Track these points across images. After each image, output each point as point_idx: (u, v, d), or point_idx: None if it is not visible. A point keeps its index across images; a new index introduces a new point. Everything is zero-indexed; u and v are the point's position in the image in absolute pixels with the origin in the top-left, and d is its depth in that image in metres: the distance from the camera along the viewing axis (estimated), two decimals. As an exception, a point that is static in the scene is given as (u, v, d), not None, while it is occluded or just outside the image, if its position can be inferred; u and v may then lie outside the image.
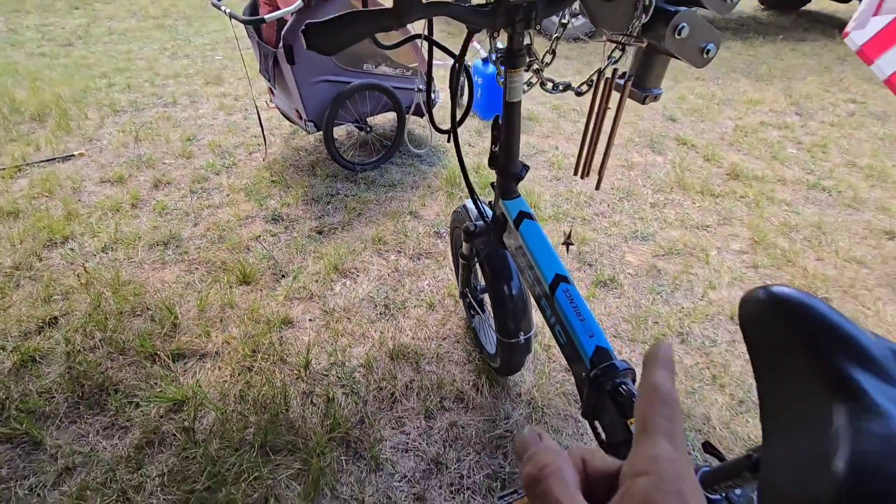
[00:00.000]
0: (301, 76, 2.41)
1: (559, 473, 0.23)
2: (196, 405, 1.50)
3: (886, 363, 0.43)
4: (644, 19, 1.04)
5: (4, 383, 1.55)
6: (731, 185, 2.79)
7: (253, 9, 2.64)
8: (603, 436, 0.94)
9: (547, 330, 1.80)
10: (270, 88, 2.88)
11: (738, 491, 0.73)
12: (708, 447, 0.76)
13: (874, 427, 0.38)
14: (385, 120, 3.24)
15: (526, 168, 1.13)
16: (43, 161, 2.71)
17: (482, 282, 1.62)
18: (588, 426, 1.49)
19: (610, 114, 1.28)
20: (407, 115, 2.81)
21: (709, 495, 0.68)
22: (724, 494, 0.71)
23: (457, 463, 1.40)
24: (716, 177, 2.88)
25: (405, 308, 1.92)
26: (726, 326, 1.87)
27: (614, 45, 1.16)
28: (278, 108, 2.99)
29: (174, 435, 1.43)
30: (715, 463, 0.69)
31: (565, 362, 1.71)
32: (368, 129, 2.83)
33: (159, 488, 1.30)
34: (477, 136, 3.27)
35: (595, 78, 1.18)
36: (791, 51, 5.20)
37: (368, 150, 2.97)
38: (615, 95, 1.30)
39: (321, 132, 2.58)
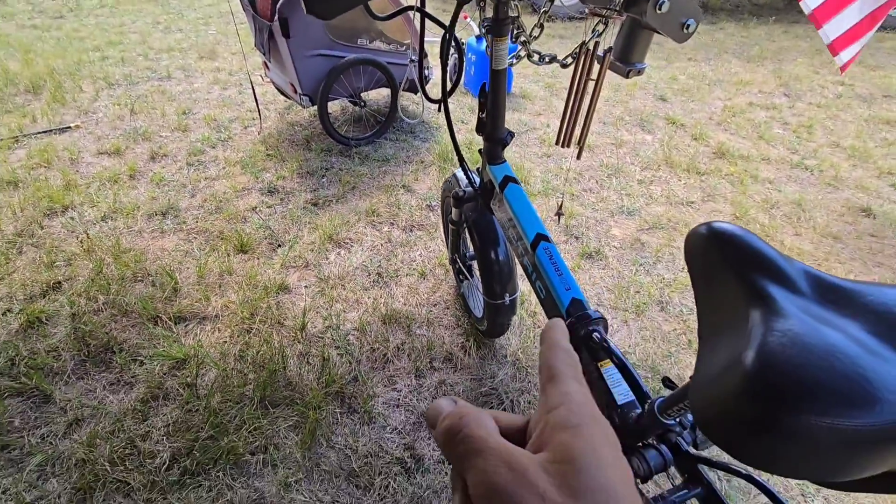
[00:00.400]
0: (296, 50, 2.44)
1: (480, 420, 0.23)
2: (198, 363, 1.58)
3: (797, 279, 0.51)
4: (625, -7, 1.10)
5: (13, 343, 1.62)
6: (717, 164, 2.86)
7: (248, -19, 2.64)
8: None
9: (532, 297, 1.89)
10: (265, 63, 2.89)
11: (690, 416, 0.83)
12: (666, 381, 0.85)
13: (778, 325, 0.46)
14: (379, 96, 3.27)
15: (511, 134, 1.20)
16: (40, 132, 2.73)
17: (471, 249, 1.69)
18: None
19: (591, 86, 1.34)
20: (400, 91, 2.85)
21: (665, 420, 0.77)
22: (677, 419, 0.80)
23: (445, 417, 1.49)
24: (702, 155, 2.95)
25: (397, 276, 2.00)
26: (704, 296, 1.96)
27: (597, 18, 1.22)
28: (273, 83, 3.01)
29: (178, 390, 1.51)
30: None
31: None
32: (362, 104, 2.87)
33: (165, 437, 1.38)
34: (470, 114, 3.31)
35: (578, 50, 1.23)
36: (783, 33, 5.23)
37: (362, 125, 3.00)
38: (599, 69, 1.36)
39: (316, 106, 2.62)
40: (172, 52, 3.91)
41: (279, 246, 2.12)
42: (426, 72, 2.95)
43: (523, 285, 1.89)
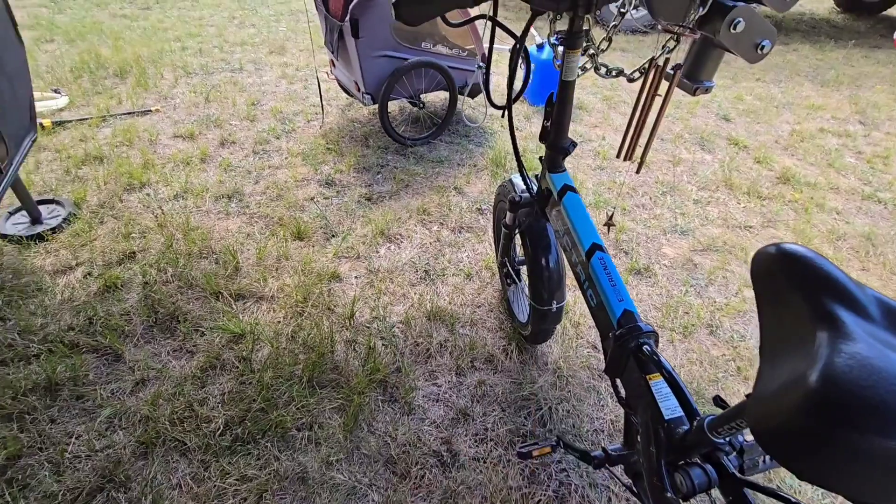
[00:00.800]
0: (363, 50, 2.53)
1: None
2: (253, 339, 1.67)
3: (868, 306, 0.51)
4: (701, 11, 1.10)
5: (91, 304, 1.77)
6: (781, 189, 2.75)
7: (323, -18, 2.77)
8: (623, 392, 1.03)
9: (577, 307, 1.88)
10: (332, 60, 3.02)
11: (740, 437, 0.82)
12: (718, 400, 0.85)
13: (846, 347, 0.47)
14: (437, 98, 3.34)
15: (574, 144, 1.22)
16: (124, 114, 2.96)
17: (520, 254, 1.71)
18: (609, 384, 1.58)
19: (657, 102, 1.34)
20: (463, 96, 2.90)
21: (714, 438, 0.77)
22: (727, 439, 0.79)
23: (482, 416, 1.52)
24: (765, 179, 2.84)
25: (444, 275, 2.04)
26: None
27: (669, 35, 1.22)
28: (337, 80, 3.13)
29: (233, 362, 1.60)
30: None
31: (592, 339, 1.79)
32: (421, 105, 2.94)
33: (220, 404, 1.47)
34: (525, 122, 3.32)
35: (647, 65, 1.24)
36: (864, 57, 4.95)
37: (419, 126, 3.08)
38: (666, 85, 1.36)
39: (377, 105, 2.71)
40: (245, 45, 4.13)
41: (333, 236, 2.20)
42: (485, 77, 2.99)
43: (569, 295, 1.90)
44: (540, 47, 3.35)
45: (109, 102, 3.06)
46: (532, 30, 3.67)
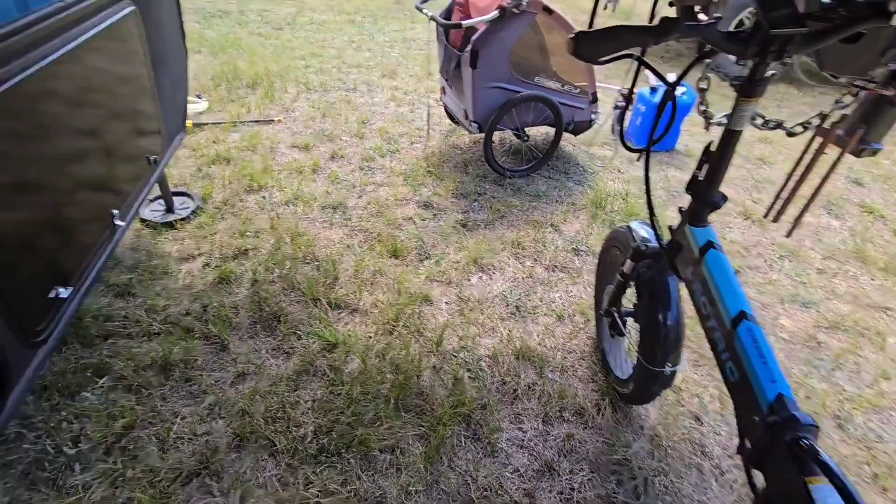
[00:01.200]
0: (479, 80, 2.58)
1: None
2: (346, 351, 1.70)
3: None
4: (892, 66, 0.99)
5: (207, 293, 1.90)
6: (928, 270, 2.41)
7: (447, 14, 2.88)
8: (760, 485, 0.91)
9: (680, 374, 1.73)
10: (443, 87, 3.11)
11: None
12: None
13: None
14: (538, 132, 3.32)
15: (724, 198, 1.13)
16: (251, 121, 3.23)
17: (625, 305, 1.61)
18: (744, 470, 1.42)
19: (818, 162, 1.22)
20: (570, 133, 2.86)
21: None
22: None
23: (569, 474, 1.42)
24: (908, 256, 2.50)
25: (535, 314, 1.97)
26: (898, 424, 1.64)
27: (846, 90, 1.11)
28: (445, 107, 3.22)
29: (325, 371, 1.64)
30: None
31: (695, 409, 1.63)
32: (525, 137, 2.93)
33: (310, 410, 1.50)
34: (628, 164, 3.20)
35: (818, 122, 1.13)
36: None
37: (519, 158, 3.07)
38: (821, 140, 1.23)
39: (482, 134, 2.74)
40: (360, 68, 4.39)
41: (427, 258, 2.22)
42: (592, 116, 2.94)
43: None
44: (653, 90, 3.25)
45: (240, 110, 3.36)
46: (646, 71, 3.57)
